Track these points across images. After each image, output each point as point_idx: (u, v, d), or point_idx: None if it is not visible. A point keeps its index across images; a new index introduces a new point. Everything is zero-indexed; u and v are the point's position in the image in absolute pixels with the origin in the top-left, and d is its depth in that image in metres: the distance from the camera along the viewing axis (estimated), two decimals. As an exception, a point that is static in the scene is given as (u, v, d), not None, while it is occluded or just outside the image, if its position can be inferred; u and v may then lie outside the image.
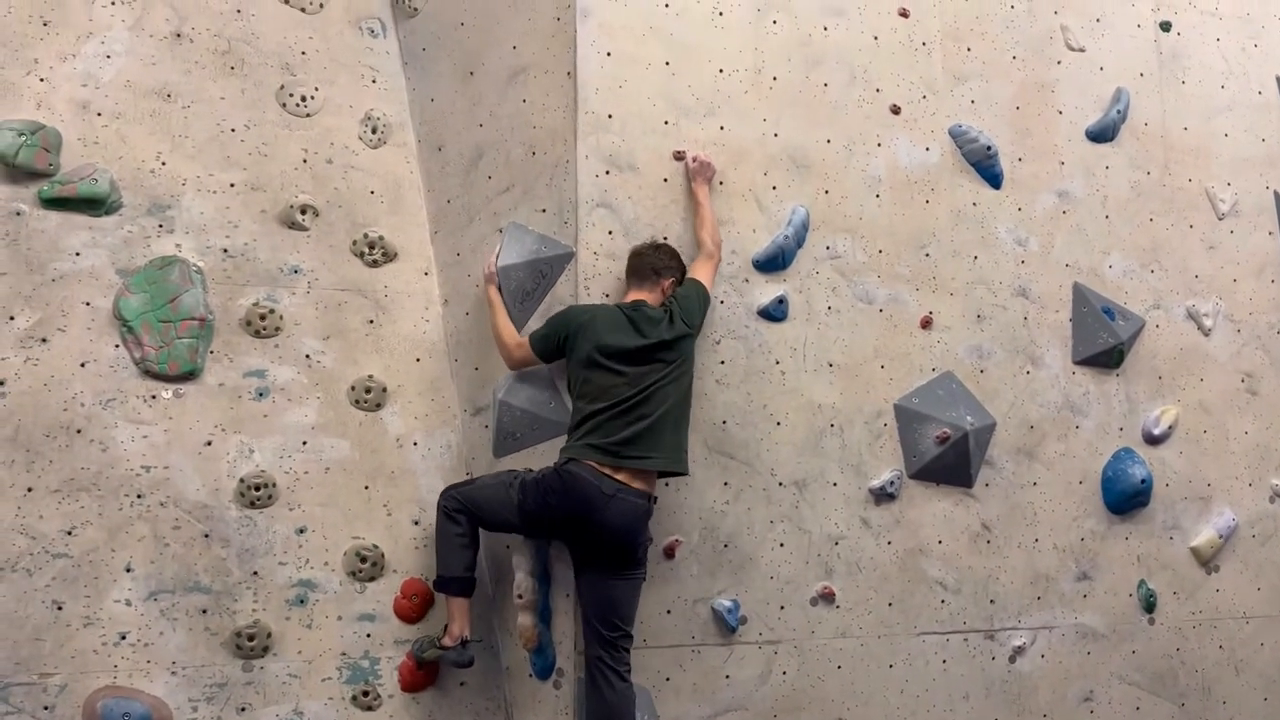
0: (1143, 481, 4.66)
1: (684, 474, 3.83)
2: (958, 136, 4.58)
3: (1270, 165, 5.20)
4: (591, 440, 3.64)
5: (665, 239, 4.00)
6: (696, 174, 4.06)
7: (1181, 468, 4.84)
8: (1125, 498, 4.65)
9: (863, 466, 4.26)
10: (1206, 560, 4.84)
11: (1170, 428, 4.81)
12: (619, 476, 3.62)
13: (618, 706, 3.65)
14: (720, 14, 4.25)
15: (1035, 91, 4.77)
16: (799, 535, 4.15)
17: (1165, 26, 5.07)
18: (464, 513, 3.81)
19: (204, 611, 3.95)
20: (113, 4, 4.26)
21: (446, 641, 3.86)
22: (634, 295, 3.87)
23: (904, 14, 4.55)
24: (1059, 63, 4.83)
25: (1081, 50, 4.88)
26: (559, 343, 3.81)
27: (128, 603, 3.88)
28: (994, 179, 4.63)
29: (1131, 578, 4.69)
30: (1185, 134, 5.05)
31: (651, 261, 3.89)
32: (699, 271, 3.95)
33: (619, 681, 3.66)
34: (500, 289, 4.04)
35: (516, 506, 3.72)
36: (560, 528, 3.73)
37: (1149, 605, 4.70)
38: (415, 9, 4.58)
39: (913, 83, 4.54)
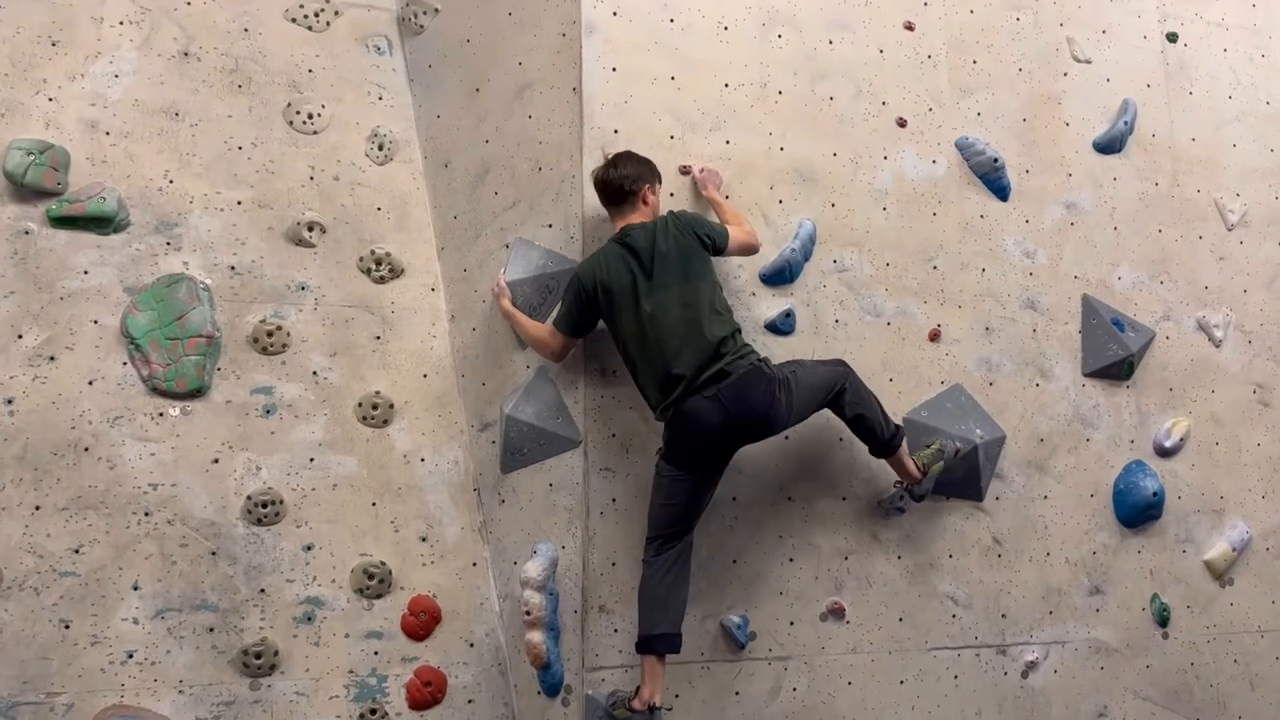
0: (1154, 494, 4.62)
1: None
2: (964, 149, 4.57)
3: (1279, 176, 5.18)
4: (678, 391, 3.56)
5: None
6: (705, 182, 4.05)
7: (1193, 480, 4.80)
8: (1137, 511, 4.62)
9: (873, 480, 4.24)
10: (1220, 573, 4.80)
11: (1182, 440, 4.78)
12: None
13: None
14: (725, 28, 4.26)
15: (1042, 103, 4.76)
16: (808, 550, 4.13)
17: (1172, 37, 5.06)
18: (674, 538, 3.66)
19: (211, 629, 3.94)
20: (121, 24, 4.28)
21: (636, 704, 3.65)
22: (619, 223, 3.78)
23: (909, 27, 4.55)
24: (1065, 74, 4.83)
25: (1088, 62, 4.88)
26: (583, 311, 3.73)
27: (135, 621, 3.87)
28: (1001, 191, 4.61)
29: (1144, 591, 4.65)
30: (1193, 145, 5.03)
31: (615, 181, 3.73)
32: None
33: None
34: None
35: (689, 449, 3.58)
36: (720, 442, 3.62)
37: (1162, 619, 4.65)
38: (421, 26, 4.60)
39: (919, 95, 4.53)
